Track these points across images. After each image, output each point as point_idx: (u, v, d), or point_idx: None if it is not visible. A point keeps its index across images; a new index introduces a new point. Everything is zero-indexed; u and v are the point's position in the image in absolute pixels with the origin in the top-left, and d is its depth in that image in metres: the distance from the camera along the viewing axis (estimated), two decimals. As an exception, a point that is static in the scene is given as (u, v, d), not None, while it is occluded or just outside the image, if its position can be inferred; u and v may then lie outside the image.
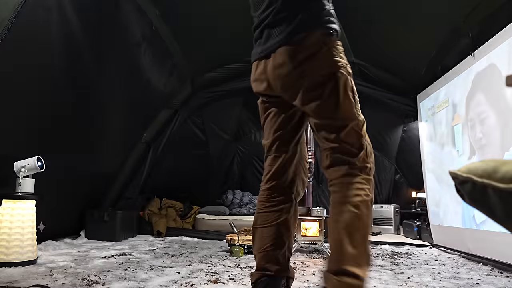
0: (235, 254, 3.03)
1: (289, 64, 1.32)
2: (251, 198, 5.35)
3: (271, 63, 1.37)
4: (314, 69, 1.30)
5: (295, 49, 1.31)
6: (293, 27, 1.32)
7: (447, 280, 2.30)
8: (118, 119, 3.77)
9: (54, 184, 3.04)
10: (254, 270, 1.43)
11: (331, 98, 1.30)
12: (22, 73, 2.43)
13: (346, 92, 1.32)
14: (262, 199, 1.49)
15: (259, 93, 1.52)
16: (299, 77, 1.32)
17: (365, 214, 1.25)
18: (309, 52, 1.30)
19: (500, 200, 0.48)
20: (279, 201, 1.46)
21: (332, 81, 1.30)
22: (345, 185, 1.29)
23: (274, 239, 1.41)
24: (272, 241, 1.41)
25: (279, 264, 1.40)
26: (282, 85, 1.38)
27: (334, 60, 1.32)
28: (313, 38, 1.30)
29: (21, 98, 2.51)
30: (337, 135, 1.31)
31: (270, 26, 1.38)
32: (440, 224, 3.82)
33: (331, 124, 1.32)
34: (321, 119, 1.34)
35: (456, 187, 0.57)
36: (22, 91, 2.49)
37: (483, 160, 0.53)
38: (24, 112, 2.59)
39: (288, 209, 1.47)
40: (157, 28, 3.48)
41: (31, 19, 2.28)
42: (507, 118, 2.67)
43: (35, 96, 2.61)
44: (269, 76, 1.40)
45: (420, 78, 4.22)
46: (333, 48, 1.33)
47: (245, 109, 5.56)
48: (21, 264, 2.28)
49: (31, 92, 2.56)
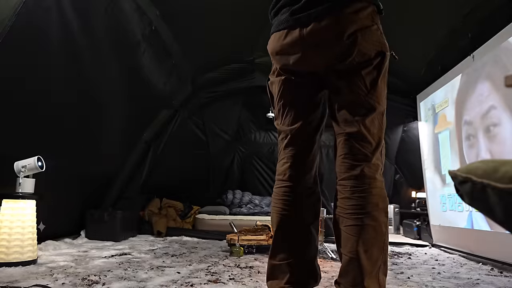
0: (235, 254, 3.04)
1: (339, 34, 1.21)
2: (251, 198, 5.35)
3: (313, 31, 1.23)
4: (365, 42, 1.23)
5: (349, 18, 1.21)
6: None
7: (447, 280, 2.30)
8: (118, 119, 3.77)
9: (54, 184, 3.04)
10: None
11: (371, 75, 1.25)
12: (22, 73, 2.43)
13: (385, 75, 1.29)
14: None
15: (285, 67, 1.35)
16: (347, 48, 1.22)
17: (383, 223, 1.21)
18: (362, 25, 1.22)
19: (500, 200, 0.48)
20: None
21: (379, 58, 1.25)
22: (359, 191, 1.23)
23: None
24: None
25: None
26: (322, 55, 1.27)
27: (383, 39, 1.28)
28: (367, 11, 1.24)
29: (21, 98, 2.51)
30: (360, 118, 1.25)
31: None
32: (440, 224, 3.83)
33: (360, 103, 1.25)
34: (352, 94, 1.26)
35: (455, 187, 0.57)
36: (22, 91, 2.49)
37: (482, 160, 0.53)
38: (24, 112, 2.59)
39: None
40: (157, 28, 3.48)
41: (31, 19, 2.28)
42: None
43: (35, 96, 2.61)
44: (306, 45, 1.26)
45: (420, 78, 4.23)
46: (380, 27, 1.28)
47: (245, 109, 5.56)
48: (22, 264, 2.27)
49: (31, 92, 2.56)
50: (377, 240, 1.19)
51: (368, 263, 1.17)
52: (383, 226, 1.21)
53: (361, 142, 1.25)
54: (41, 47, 2.50)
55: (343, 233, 1.26)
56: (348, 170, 1.27)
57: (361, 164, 1.25)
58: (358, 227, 1.20)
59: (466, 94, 3.27)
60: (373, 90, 1.26)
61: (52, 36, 2.52)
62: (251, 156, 5.74)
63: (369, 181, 1.23)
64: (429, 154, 4.19)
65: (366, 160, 1.25)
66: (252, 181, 5.65)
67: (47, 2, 2.38)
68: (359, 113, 1.26)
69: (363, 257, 1.17)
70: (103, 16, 2.86)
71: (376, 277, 1.17)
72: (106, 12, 2.87)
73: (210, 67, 4.57)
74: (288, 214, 1.37)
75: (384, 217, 1.22)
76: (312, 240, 1.40)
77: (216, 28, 3.64)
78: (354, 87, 1.26)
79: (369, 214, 1.20)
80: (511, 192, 0.46)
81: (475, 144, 3.06)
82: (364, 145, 1.25)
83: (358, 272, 1.17)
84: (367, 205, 1.21)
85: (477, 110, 3.05)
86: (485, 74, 2.97)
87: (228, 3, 3.32)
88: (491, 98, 2.85)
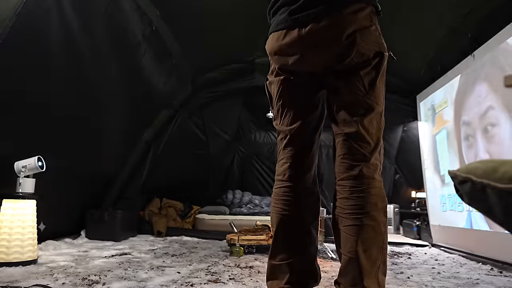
0: (235, 254, 3.04)
1: (338, 34, 1.21)
2: (251, 198, 5.36)
3: (312, 32, 1.23)
4: (364, 42, 1.23)
5: (348, 18, 1.22)
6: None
7: (447, 279, 2.30)
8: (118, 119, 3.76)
9: (54, 184, 3.04)
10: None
11: (369, 75, 1.25)
12: (22, 73, 2.43)
13: (383, 75, 1.30)
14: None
15: (284, 67, 1.36)
16: (346, 49, 1.23)
17: (382, 223, 1.21)
18: (361, 25, 1.23)
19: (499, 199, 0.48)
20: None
21: (377, 58, 1.26)
22: (358, 191, 1.23)
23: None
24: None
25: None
26: (321, 56, 1.27)
27: (381, 39, 1.29)
28: (365, 12, 1.24)
29: (21, 98, 2.52)
30: (359, 118, 1.26)
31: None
32: (440, 224, 3.83)
33: (359, 104, 1.26)
34: (350, 94, 1.26)
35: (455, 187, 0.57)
36: (22, 91, 2.49)
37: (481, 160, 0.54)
38: (24, 112, 2.59)
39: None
40: (157, 28, 3.48)
41: (31, 20, 2.28)
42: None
43: (35, 96, 2.61)
44: (305, 46, 1.26)
45: (420, 78, 4.23)
46: (378, 27, 1.29)
47: (245, 109, 5.56)
48: (22, 263, 2.28)
49: (31, 92, 2.56)
50: (376, 240, 1.20)
51: (367, 263, 1.17)
52: (382, 226, 1.21)
53: (360, 142, 1.26)
54: (41, 48, 2.50)
55: (342, 233, 1.26)
56: (347, 170, 1.27)
57: (359, 164, 1.25)
58: (357, 227, 1.20)
59: (465, 94, 3.28)
60: (372, 90, 1.26)
61: (52, 36, 2.52)
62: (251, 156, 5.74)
63: (367, 181, 1.24)
64: (429, 154, 4.20)
65: (365, 160, 1.25)
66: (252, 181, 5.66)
67: (47, 3, 2.38)
68: (358, 113, 1.26)
69: (362, 257, 1.17)
70: (103, 16, 2.86)
71: (376, 277, 1.18)
72: (106, 12, 2.87)
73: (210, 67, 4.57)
74: (288, 214, 1.37)
75: (383, 217, 1.22)
76: (312, 240, 1.41)
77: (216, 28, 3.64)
78: (352, 87, 1.26)
79: (368, 214, 1.20)
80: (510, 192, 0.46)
81: (474, 144, 3.07)
82: (363, 145, 1.26)
83: (357, 272, 1.18)
84: (366, 205, 1.21)
85: (476, 110, 3.06)
86: (483, 75, 2.98)
87: (228, 3, 3.32)
88: (489, 98, 2.86)
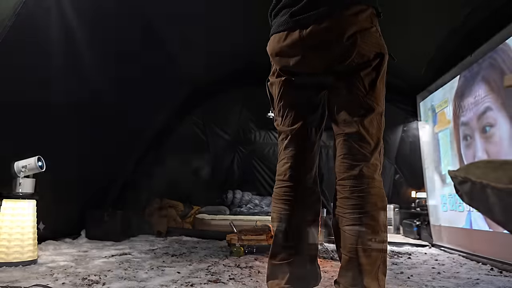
0: (235, 254, 3.04)
1: (339, 36, 1.22)
2: (251, 198, 5.35)
3: (313, 33, 1.24)
4: (364, 44, 1.24)
5: (348, 20, 1.22)
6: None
7: (447, 279, 2.30)
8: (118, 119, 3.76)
9: (54, 184, 3.04)
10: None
11: (370, 76, 1.26)
12: (22, 73, 2.43)
13: (383, 76, 1.31)
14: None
15: (285, 68, 1.36)
16: (346, 50, 1.24)
17: (381, 223, 1.22)
18: (362, 27, 1.24)
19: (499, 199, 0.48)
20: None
21: (377, 60, 1.27)
22: (358, 191, 1.23)
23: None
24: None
25: None
26: (322, 57, 1.28)
27: (381, 41, 1.30)
28: (366, 13, 1.25)
29: (21, 98, 2.51)
30: (359, 119, 1.26)
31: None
32: (440, 224, 3.83)
33: (359, 104, 1.27)
34: (351, 95, 1.27)
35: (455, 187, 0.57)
36: (22, 91, 2.49)
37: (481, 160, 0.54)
38: (24, 112, 2.59)
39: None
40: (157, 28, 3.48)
41: (31, 19, 2.28)
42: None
43: (35, 96, 2.61)
44: (306, 47, 1.27)
45: (420, 78, 4.23)
46: (379, 28, 1.30)
47: (245, 109, 5.56)
48: (22, 264, 2.28)
49: (31, 92, 2.56)
50: (376, 239, 1.20)
51: (367, 263, 1.17)
52: (381, 225, 1.22)
53: (360, 142, 1.26)
54: (41, 47, 2.50)
55: (342, 232, 1.27)
56: (347, 170, 1.27)
57: (360, 164, 1.25)
58: (357, 227, 1.21)
59: (464, 95, 3.28)
60: (372, 91, 1.27)
61: (52, 36, 2.52)
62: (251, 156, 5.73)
63: (367, 181, 1.24)
64: (429, 154, 4.20)
65: (365, 160, 1.26)
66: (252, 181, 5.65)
67: (47, 2, 2.38)
68: (358, 114, 1.27)
69: (362, 256, 1.18)
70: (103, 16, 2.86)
71: (376, 277, 1.18)
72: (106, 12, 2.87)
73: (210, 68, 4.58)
74: (288, 214, 1.38)
75: (382, 216, 1.23)
76: (312, 240, 1.41)
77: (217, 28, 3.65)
78: (353, 88, 1.27)
79: (368, 214, 1.20)
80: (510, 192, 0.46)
81: (472, 144, 3.07)
82: (363, 146, 1.26)
83: (357, 271, 1.18)
84: (366, 205, 1.21)
85: (474, 110, 3.07)
86: (481, 75, 2.99)
87: (228, 4, 3.32)
88: (487, 99, 2.87)
